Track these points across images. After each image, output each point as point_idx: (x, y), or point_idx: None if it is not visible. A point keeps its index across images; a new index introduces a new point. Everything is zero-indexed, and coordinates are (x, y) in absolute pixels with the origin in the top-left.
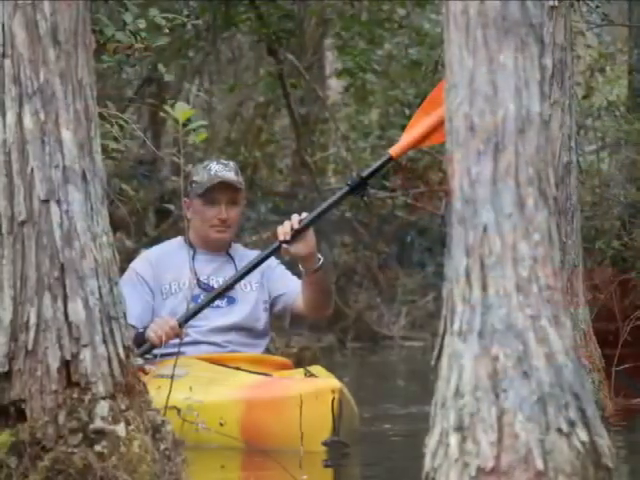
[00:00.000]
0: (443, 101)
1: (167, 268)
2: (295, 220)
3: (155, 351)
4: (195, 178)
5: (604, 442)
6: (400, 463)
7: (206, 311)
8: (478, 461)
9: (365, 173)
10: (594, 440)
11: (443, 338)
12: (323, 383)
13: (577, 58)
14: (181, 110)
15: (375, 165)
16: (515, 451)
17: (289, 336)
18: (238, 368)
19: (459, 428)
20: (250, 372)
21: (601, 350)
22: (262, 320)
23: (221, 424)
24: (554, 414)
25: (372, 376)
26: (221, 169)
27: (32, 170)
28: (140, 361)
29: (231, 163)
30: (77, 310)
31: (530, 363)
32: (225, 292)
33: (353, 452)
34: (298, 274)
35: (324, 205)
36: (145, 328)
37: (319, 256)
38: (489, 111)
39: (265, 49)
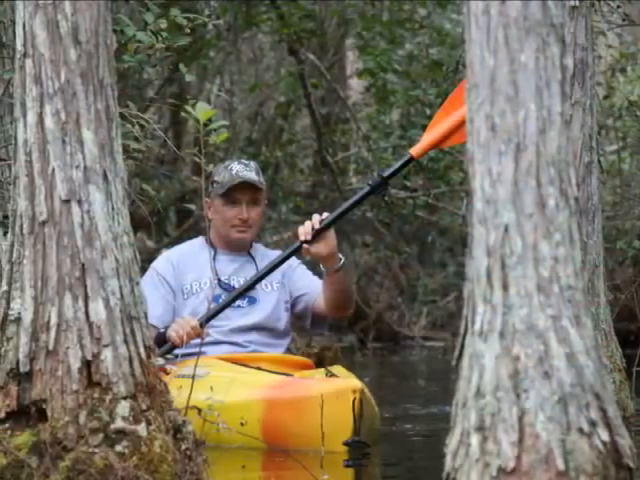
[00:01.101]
0: (464, 101)
1: (188, 268)
2: (316, 220)
3: (176, 351)
4: (216, 178)
5: (625, 442)
6: (421, 463)
7: (227, 311)
8: (499, 461)
9: (386, 173)
10: (615, 440)
11: (464, 338)
12: (344, 383)
13: (598, 58)
14: (202, 110)
15: (396, 165)
16: (536, 451)
17: (310, 336)
18: (259, 368)
19: (480, 428)
20: (271, 372)
21: (622, 350)
22: (283, 320)
23: (242, 424)
24: (575, 414)
25: (393, 376)
26: (242, 169)
27: (53, 170)
28: (161, 361)
29: (252, 163)
30: (98, 310)
31: (551, 363)
32: (246, 292)
33: (374, 452)
34: (319, 274)
35: (345, 205)
36: (166, 328)
37: (340, 256)
38: (510, 111)
39: (286, 49)
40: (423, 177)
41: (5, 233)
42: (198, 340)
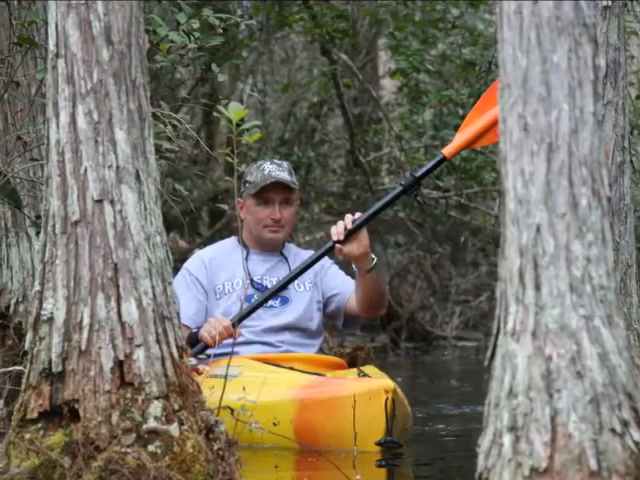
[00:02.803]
0: (496, 101)
1: (221, 268)
2: (349, 220)
3: (208, 351)
4: (249, 178)
5: None
6: (453, 463)
7: (259, 311)
8: (531, 461)
9: (418, 173)
10: None
11: (497, 338)
12: (376, 383)
13: (630, 58)
14: (235, 110)
15: (428, 165)
16: (568, 451)
17: (342, 336)
18: (292, 368)
19: (512, 428)
20: (303, 372)
21: None
22: (315, 320)
23: (274, 424)
24: (607, 414)
25: (425, 376)
26: (275, 169)
27: (86, 170)
28: (194, 361)
29: (285, 163)
30: (130, 310)
31: (583, 363)
32: (279, 292)
33: (406, 452)
34: (351, 274)
35: (377, 205)
36: (199, 328)
37: (372, 256)
38: (543, 111)
39: (319, 49)
40: (455, 177)
41: (38, 233)
42: (230, 340)
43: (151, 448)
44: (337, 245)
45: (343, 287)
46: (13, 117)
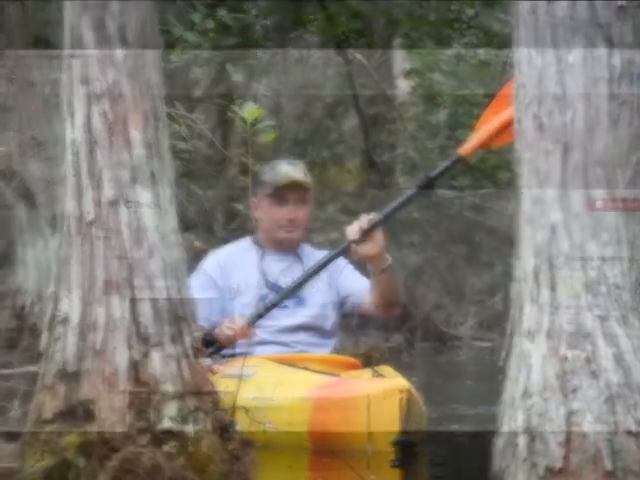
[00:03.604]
0: (512, 101)
1: (236, 268)
2: (364, 220)
3: (223, 351)
4: (263, 178)
5: None
6: (468, 463)
7: (274, 311)
8: (546, 461)
9: (433, 173)
10: None
11: (511, 338)
12: (391, 383)
13: None
14: (249, 110)
15: (443, 165)
16: (583, 451)
17: (357, 336)
18: (306, 368)
19: (527, 428)
20: (318, 372)
21: None
22: (330, 320)
23: (289, 424)
24: (622, 414)
25: (440, 376)
26: (290, 169)
27: (100, 170)
28: (209, 361)
29: (300, 163)
30: (145, 310)
31: (598, 363)
32: (294, 292)
33: (421, 452)
34: (366, 274)
35: (393, 205)
36: (213, 328)
37: (387, 256)
38: (558, 111)
39: (334, 49)
40: (470, 177)
41: (53, 233)
42: (246, 340)
43: (166, 448)
44: (352, 245)
45: (358, 287)
46: (28, 117)
